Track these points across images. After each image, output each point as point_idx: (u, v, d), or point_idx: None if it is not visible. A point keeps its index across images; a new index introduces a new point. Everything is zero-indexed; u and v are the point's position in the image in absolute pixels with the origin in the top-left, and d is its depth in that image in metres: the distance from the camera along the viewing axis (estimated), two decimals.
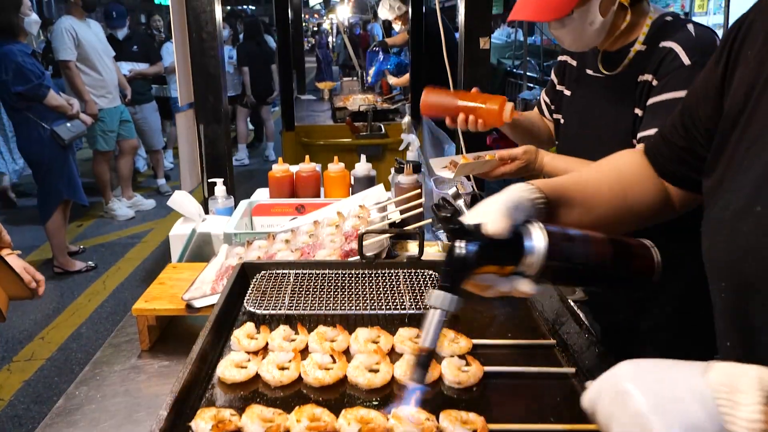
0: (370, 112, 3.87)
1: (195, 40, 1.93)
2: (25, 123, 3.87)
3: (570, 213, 0.81)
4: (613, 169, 0.90)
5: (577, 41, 1.30)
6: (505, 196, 0.73)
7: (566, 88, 1.51)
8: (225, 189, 1.78)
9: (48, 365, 3.12)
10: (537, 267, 0.70)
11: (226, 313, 0.98)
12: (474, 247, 0.68)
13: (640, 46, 1.27)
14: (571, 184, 0.84)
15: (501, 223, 0.69)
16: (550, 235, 0.70)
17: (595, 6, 1.22)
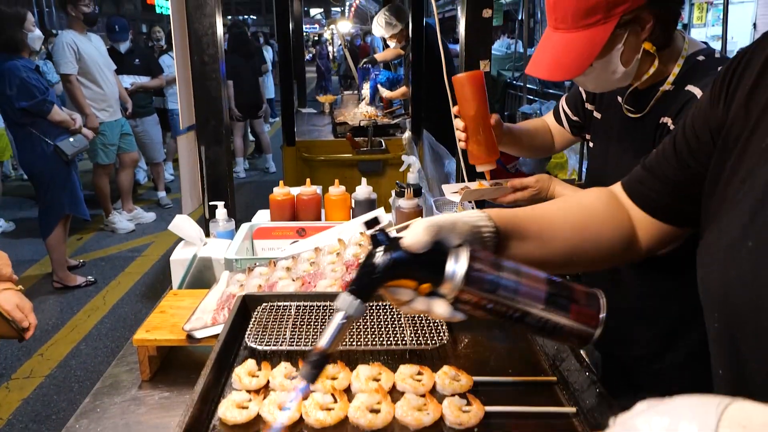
0: (370, 127, 3.88)
1: (196, 63, 1.94)
2: (28, 138, 3.89)
3: (523, 246, 0.79)
4: (577, 204, 0.88)
5: (600, 87, 1.27)
6: (446, 216, 0.73)
7: (596, 110, 1.45)
8: (226, 212, 1.78)
9: (47, 383, 3.11)
10: (454, 292, 0.68)
11: (227, 349, 0.98)
12: (387, 257, 0.67)
13: (668, 86, 1.21)
14: (527, 216, 0.82)
15: (418, 237, 0.68)
16: (475, 261, 0.68)
17: (616, 57, 1.16)
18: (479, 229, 0.73)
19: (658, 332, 1.31)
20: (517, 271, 0.70)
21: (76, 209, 4.15)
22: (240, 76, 6.65)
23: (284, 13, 4.52)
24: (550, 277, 0.71)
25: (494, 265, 0.69)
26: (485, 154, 1.45)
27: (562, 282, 0.71)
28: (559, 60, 1.16)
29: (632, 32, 1.14)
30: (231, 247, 1.62)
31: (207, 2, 1.89)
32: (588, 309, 0.70)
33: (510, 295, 0.68)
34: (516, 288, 0.68)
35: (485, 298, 0.68)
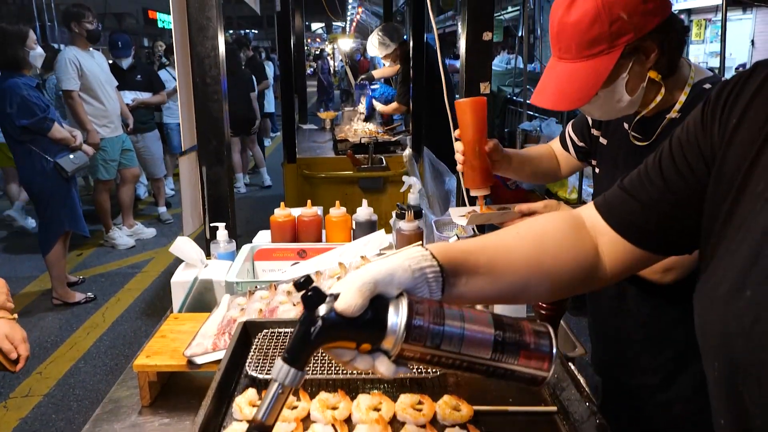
0: (371, 144, 3.90)
1: (198, 84, 1.95)
2: (28, 155, 3.90)
3: (473, 282, 0.74)
4: (532, 233, 0.82)
5: (607, 115, 1.27)
6: (382, 266, 0.67)
7: (602, 135, 1.45)
8: (227, 233, 1.79)
9: (45, 402, 3.10)
10: (396, 348, 0.64)
11: (227, 378, 0.98)
12: (320, 323, 0.63)
13: (674, 114, 1.20)
14: (477, 249, 0.77)
15: (352, 301, 0.63)
16: (415, 315, 0.64)
17: (621, 86, 1.17)
18: (423, 272, 0.68)
19: (664, 361, 1.29)
20: (461, 317, 0.66)
21: (76, 226, 4.15)
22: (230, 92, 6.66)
23: (285, 28, 4.56)
24: (498, 320, 0.67)
25: (437, 315, 0.65)
26: (479, 180, 1.46)
27: (510, 324, 0.68)
28: (563, 90, 1.17)
29: (637, 61, 1.15)
30: (232, 269, 1.62)
31: (210, 25, 1.91)
32: (538, 352, 0.67)
33: (455, 347, 0.65)
34: (461, 338, 0.65)
35: (429, 351, 0.65)
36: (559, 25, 1.16)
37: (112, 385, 3.38)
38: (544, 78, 1.23)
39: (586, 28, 1.12)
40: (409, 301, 0.65)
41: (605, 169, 1.44)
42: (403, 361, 0.66)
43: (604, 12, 1.10)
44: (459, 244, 0.77)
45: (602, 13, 1.10)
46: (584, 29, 1.12)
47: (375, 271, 0.66)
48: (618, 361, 1.39)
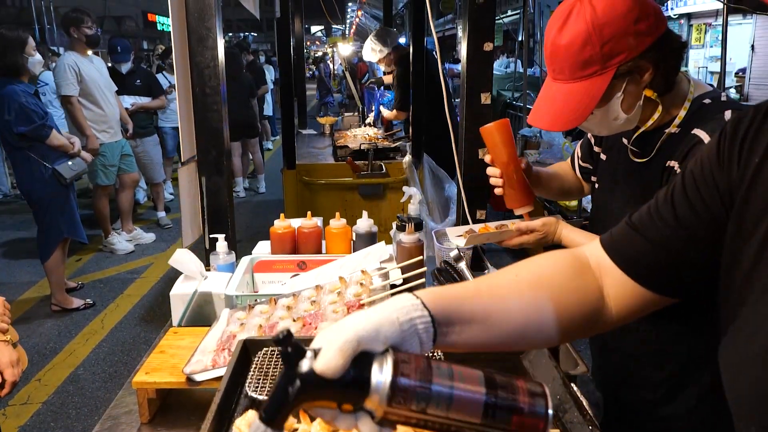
0: (371, 151, 3.90)
1: (198, 95, 1.95)
2: (26, 162, 3.89)
3: (467, 330, 0.69)
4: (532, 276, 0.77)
5: (605, 132, 1.28)
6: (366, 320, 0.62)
7: (602, 152, 1.45)
8: (226, 245, 1.78)
9: (44, 410, 3.08)
10: (379, 409, 0.60)
11: (227, 399, 0.97)
12: (298, 383, 0.59)
13: (674, 129, 1.20)
14: (471, 294, 0.72)
15: (332, 362, 0.58)
16: (401, 374, 0.60)
17: (616, 105, 1.17)
18: (412, 323, 0.64)
19: (666, 376, 1.28)
20: (450, 376, 0.62)
21: (74, 233, 4.13)
22: (231, 97, 6.65)
23: (285, 32, 4.55)
24: (489, 379, 0.63)
25: (424, 374, 0.61)
26: (523, 197, 1.46)
27: (502, 384, 0.63)
28: (558, 111, 1.17)
29: (631, 81, 1.15)
30: (231, 281, 1.61)
31: (209, 35, 1.90)
32: (532, 416, 0.62)
33: (443, 410, 0.61)
34: (449, 401, 0.60)
35: (414, 414, 0.61)
36: (552, 47, 1.17)
37: (111, 393, 3.38)
38: (540, 98, 1.24)
39: (577, 50, 1.12)
40: (395, 359, 0.61)
41: (604, 184, 1.44)
42: (388, 423, 0.62)
43: (594, 34, 1.10)
44: (452, 290, 0.73)
45: (593, 35, 1.10)
46: (576, 51, 1.12)
47: (359, 327, 0.61)
48: (619, 377, 1.39)
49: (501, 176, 1.49)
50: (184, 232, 2.00)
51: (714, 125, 1.14)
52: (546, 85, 1.22)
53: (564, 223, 1.40)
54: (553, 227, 1.41)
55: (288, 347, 0.60)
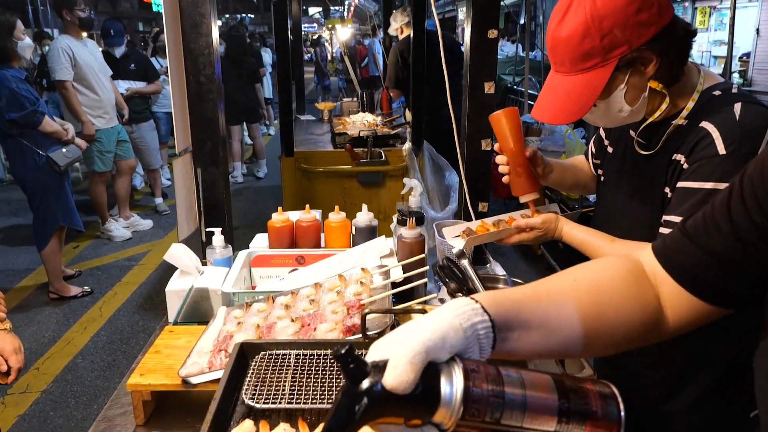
0: (370, 138, 3.84)
1: (192, 84, 1.89)
2: (20, 149, 3.83)
3: (526, 336, 0.66)
4: (590, 281, 0.74)
5: (611, 124, 1.25)
6: (431, 329, 0.59)
7: (610, 144, 1.43)
8: (223, 239, 1.74)
9: (43, 398, 3.07)
10: (450, 423, 0.57)
11: (223, 407, 0.94)
12: (365, 400, 0.56)
13: (681, 121, 1.17)
14: (531, 300, 0.69)
15: (404, 376, 0.55)
16: (473, 383, 0.57)
17: (619, 97, 1.14)
18: (474, 329, 0.61)
19: (665, 375, 1.28)
20: (521, 383, 0.59)
21: (70, 220, 4.08)
22: (234, 80, 6.60)
23: (282, 14, 4.45)
24: (560, 384, 0.61)
25: (495, 382, 0.58)
26: (528, 185, 1.44)
27: (573, 388, 0.61)
28: (560, 104, 1.16)
29: (635, 72, 1.13)
30: (228, 277, 1.58)
31: (203, 21, 1.84)
32: (606, 420, 0.60)
33: (517, 420, 0.58)
34: (523, 410, 0.58)
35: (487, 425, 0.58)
36: (553, 40, 1.15)
37: (110, 382, 3.35)
38: (543, 91, 1.21)
39: (577, 43, 1.10)
40: (465, 368, 0.58)
41: (609, 177, 1.42)
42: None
43: (593, 26, 1.08)
44: (510, 294, 0.70)
45: (592, 27, 1.08)
46: (576, 44, 1.10)
47: (425, 337, 0.58)
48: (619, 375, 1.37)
49: (508, 164, 1.46)
50: (180, 225, 1.96)
51: (724, 117, 1.10)
52: (549, 78, 1.20)
53: (565, 219, 1.37)
54: (553, 224, 1.38)
55: (350, 363, 0.57)
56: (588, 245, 1.31)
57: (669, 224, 1.14)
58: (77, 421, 2.88)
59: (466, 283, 1.48)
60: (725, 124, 1.09)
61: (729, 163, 1.07)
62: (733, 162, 1.07)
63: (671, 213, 1.15)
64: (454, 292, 1.45)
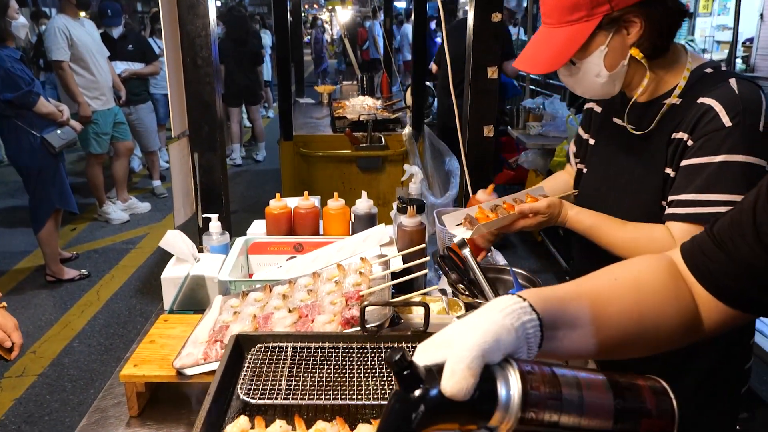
0: (370, 122, 3.79)
1: (189, 66, 1.84)
2: (14, 131, 3.77)
3: (570, 335, 0.65)
4: (631, 280, 0.73)
5: (588, 92, 1.24)
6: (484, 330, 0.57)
7: (591, 137, 1.42)
8: (220, 225, 1.71)
9: (39, 382, 3.06)
10: (510, 425, 0.56)
11: (218, 403, 0.92)
12: (422, 407, 0.54)
13: (675, 100, 1.17)
14: (575, 298, 0.68)
15: (464, 383, 0.54)
16: (529, 385, 0.56)
17: (599, 58, 1.15)
18: (524, 327, 0.60)
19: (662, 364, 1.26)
20: (577, 384, 0.58)
21: (66, 203, 4.04)
22: (235, 61, 6.51)
23: None
24: (614, 383, 0.59)
25: (552, 383, 0.57)
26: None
27: (627, 386, 0.60)
28: (540, 54, 1.17)
29: (617, 34, 1.13)
30: (225, 265, 1.55)
31: (200, 2, 1.79)
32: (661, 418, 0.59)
33: (575, 419, 0.57)
34: (581, 408, 0.57)
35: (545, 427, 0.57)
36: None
37: (107, 366, 3.33)
38: (529, 43, 1.23)
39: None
40: (520, 370, 0.57)
41: (593, 167, 1.41)
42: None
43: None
44: (554, 292, 0.68)
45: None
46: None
47: (480, 340, 0.56)
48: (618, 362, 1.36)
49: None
50: (176, 211, 1.93)
51: (723, 92, 1.11)
52: (537, 31, 1.21)
53: (569, 204, 1.34)
54: (558, 209, 1.34)
55: (404, 369, 0.55)
56: (597, 229, 1.27)
57: (681, 203, 1.13)
58: (74, 405, 2.88)
59: (467, 274, 1.45)
60: (726, 97, 1.10)
61: (735, 134, 1.07)
62: (739, 133, 1.08)
63: (680, 192, 1.14)
64: (455, 282, 1.42)
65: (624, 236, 1.22)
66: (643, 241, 1.19)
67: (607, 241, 1.25)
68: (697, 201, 1.11)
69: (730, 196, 1.08)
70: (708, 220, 1.08)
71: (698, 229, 1.11)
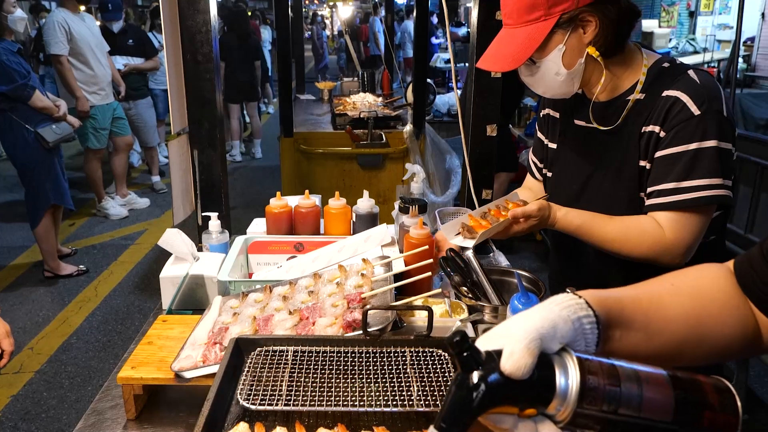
0: (370, 119, 3.76)
1: (189, 62, 1.82)
2: (9, 124, 3.74)
3: (627, 337, 0.66)
4: (690, 287, 0.73)
5: (548, 91, 1.28)
6: (541, 317, 0.59)
7: (550, 141, 1.46)
8: (219, 223, 1.69)
9: (37, 379, 3.05)
10: (567, 413, 0.56)
11: (217, 409, 0.90)
12: (483, 387, 0.55)
13: (638, 95, 1.22)
14: (632, 301, 0.68)
15: (522, 360, 0.55)
16: (587, 373, 0.56)
17: (557, 57, 1.19)
18: (581, 322, 0.61)
19: None
20: (636, 375, 0.58)
21: (61, 199, 4.01)
22: (235, 57, 6.47)
23: None
24: (674, 377, 0.59)
25: (610, 374, 0.57)
26: None
27: (687, 380, 0.60)
28: (500, 53, 1.21)
29: (574, 33, 1.18)
30: (225, 264, 1.53)
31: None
32: (723, 413, 0.59)
33: (633, 411, 0.57)
34: (639, 400, 0.57)
35: (603, 416, 0.57)
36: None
37: (105, 363, 3.30)
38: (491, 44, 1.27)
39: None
40: (578, 358, 0.57)
41: (560, 170, 1.44)
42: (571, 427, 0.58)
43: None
44: (611, 293, 0.68)
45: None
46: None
47: (537, 325, 0.58)
48: None
49: None
50: (175, 209, 1.90)
51: (685, 83, 1.16)
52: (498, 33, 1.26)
53: (556, 205, 1.32)
54: (547, 211, 1.33)
55: (464, 351, 0.56)
56: (588, 228, 1.29)
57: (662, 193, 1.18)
58: (71, 402, 2.86)
59: (470, 276, 1.43)
60: (691, 88, 1.16)
61: (705, 121, 1.13)
62: (708, 119, 1.13)
63: (660, 182, 1.19)
64: (459, 285, 1.40)
65: (614, 230, 1.25)
66: (633, 232, 1.23)
67: (598, 238, 1.28)
68: (678, 189, 1.17)
69: (709, 180, 1.14)
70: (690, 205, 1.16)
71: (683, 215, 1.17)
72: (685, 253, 1.20)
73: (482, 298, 1.38)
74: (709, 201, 1.16)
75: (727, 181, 1.16)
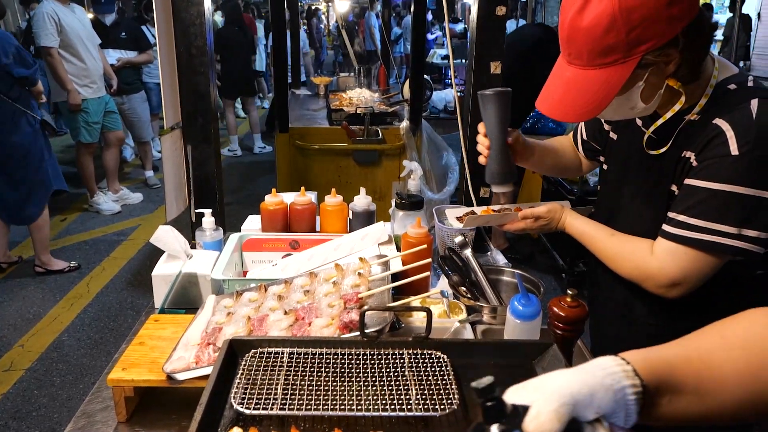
0: (367, 115, 3.73)
1: (183, 55, 1.78)
2: (12, 114, 3.66)
3: (677, 402, 0.62)
4: (742, 339, 0.68)
5: (619, 118, 1.19)
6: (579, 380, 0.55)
7: (612, 130, 1.36)
8: (213, 220, 1.66)
9: (27, 376, 3.00)
10: None
11: (211, 413, 0.87)
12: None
13: (694, 117, 1.11)
14: (682, 362, 0.64)
15: (548, 424, 0.52)
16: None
17: (635, 94, 1.07)
18: (624, 392, 0.57)
19: None
20: None
21: (61, 182, 4.00)
22: (232, 51, 6.41)
23: None
24: None
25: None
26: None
27: None
28: (572, 100, 1.06)
29: (655, 70, 1.04)
30: (219, 262, 1.50)
31: None
32: None
33: None
34: None
35: None
36: (570, 29, 1.03)
37: (97, 360, 3.25)
38: (551, 82, 1.12)
39: (600, 36, 0.99)
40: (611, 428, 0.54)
41: (614, 167, 1.36)
42: None
43: (621, 18, 0.97)
44: (662, 354, 0.65)
45: (619, 20, 0.97)
46: (598, 36, 1.00)
47: (573, 389, 0.54)
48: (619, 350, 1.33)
49: (488, 147, 1.35)
50: (168, 205, 1.87)
51: (739, 115, 1.04)
52: (559, 66, 1.10)
53: (570, 210, 1.30)
54: (558, 214, 1.31)
55: (490, 400, 0.53)
56: (588, 237, 1.27)
57: (671, 222, 1.11)
58: (62, 401, 2.82)
59: (468, 275, 1.41)
60: (741, 122, 1.03)
61: (740, 165, 1.02)
62: (744, 164, 1.02)
63: (674, 210, 1.11)
64: (457, 284, 1.38)
65: (609, 245, 1.22)
66: (625, 249, 1.19)
67: (593, 250, 1.26)
68: (685, 224, 1.08)
69: (721, 227, 1.04)
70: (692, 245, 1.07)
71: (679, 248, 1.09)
72: (671, 287, 1.12)
73: (481, 299, 1.35)
74: (711, 248, 1.06)
75: (751, 232, 1.03)
